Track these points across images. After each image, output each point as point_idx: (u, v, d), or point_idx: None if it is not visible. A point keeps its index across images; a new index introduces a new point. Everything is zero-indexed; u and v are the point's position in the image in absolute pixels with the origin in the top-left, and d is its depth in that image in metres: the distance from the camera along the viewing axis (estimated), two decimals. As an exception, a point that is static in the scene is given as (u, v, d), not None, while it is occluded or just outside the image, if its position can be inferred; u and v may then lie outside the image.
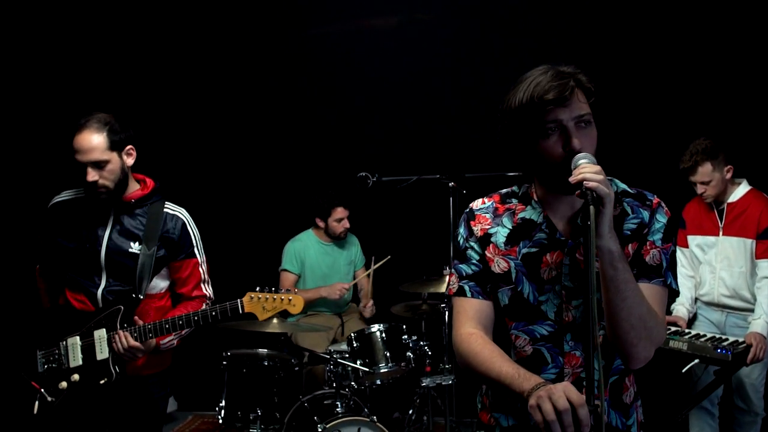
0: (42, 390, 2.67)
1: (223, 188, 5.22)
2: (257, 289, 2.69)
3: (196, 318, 2.63)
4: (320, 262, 4.59)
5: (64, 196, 2.81)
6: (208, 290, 2.89)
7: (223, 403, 3.64)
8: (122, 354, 2.60)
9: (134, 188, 2.76)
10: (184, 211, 2.83)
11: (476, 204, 1.86)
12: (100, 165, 2.59)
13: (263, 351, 3.75)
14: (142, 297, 2.67)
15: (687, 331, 3.65)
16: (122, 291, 2.68)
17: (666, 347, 3.50)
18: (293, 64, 5.10)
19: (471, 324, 1.75)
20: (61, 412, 2.66)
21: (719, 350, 3.32)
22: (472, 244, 1.80)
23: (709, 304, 3.82)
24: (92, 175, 2.59)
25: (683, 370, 3.47)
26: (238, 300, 2.66)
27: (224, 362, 3.68)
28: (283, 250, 4.60)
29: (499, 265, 1.75)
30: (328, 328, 4.45)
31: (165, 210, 2.76)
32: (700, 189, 3.66)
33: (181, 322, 2.62)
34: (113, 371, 2.63)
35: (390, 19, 4.93)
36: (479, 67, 4.83)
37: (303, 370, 4.08)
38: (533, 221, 1.74)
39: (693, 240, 3.87)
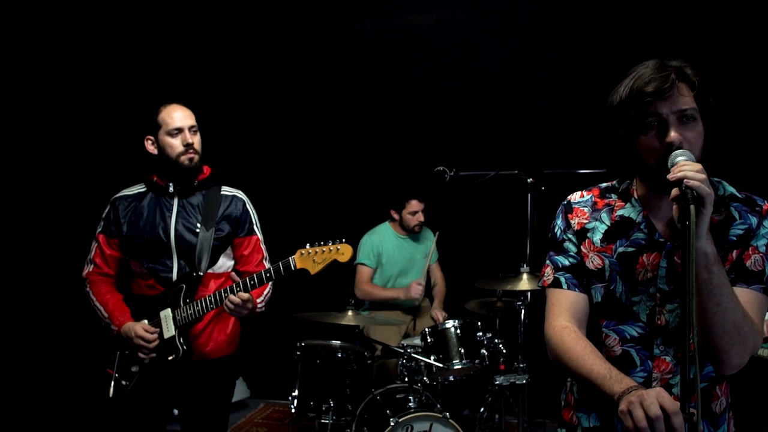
0: (116, 375, 2.80)
1: (302, 181, 5.30)
2: (306, 245, 2.69)
3: (252, 282, 2.68)
4: (397, 256, 4.55)
5: (125, 192, 2.92)
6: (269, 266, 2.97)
7: (296, 393, 3.68)
8: (237, 311, 2.67)
9: (198, 171, 2.89)
10: (241, 192, 2.97)
11: (574, 197, 1.83)
12: (193, 130, 2.81)
13: (336, 342, 3.78)
14: (201, 274, 2.78)
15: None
16: (186, 270, 2.80)
17: (755, 356, 3.33)
18: (375, 57, 5.11)
19: (565, 317, 1.71)
20: (135, 395, 2.79)
21: (814, 360, 3.14)
22: (570, 236, 1.77)
23: None
24: (191, 137, 2.77)
25: (773, 381, 3.31)
26: (290, 258, 2.68)
27: (298, 352, 3.73)
28: (360, 243, 4.55)
29: (593, 261, 1.72)
30: (401, 322, 4.46)
31: (222, 192, 2.89)
32: None
33: (252, 282, 2.67)
34: (180, 347, 2.74)
35: (471, 12, 4.87)
36: (559, 62, 4.72)
37: (375, 363, 4.09)
38: (632, 220, 1.69)
39: None
